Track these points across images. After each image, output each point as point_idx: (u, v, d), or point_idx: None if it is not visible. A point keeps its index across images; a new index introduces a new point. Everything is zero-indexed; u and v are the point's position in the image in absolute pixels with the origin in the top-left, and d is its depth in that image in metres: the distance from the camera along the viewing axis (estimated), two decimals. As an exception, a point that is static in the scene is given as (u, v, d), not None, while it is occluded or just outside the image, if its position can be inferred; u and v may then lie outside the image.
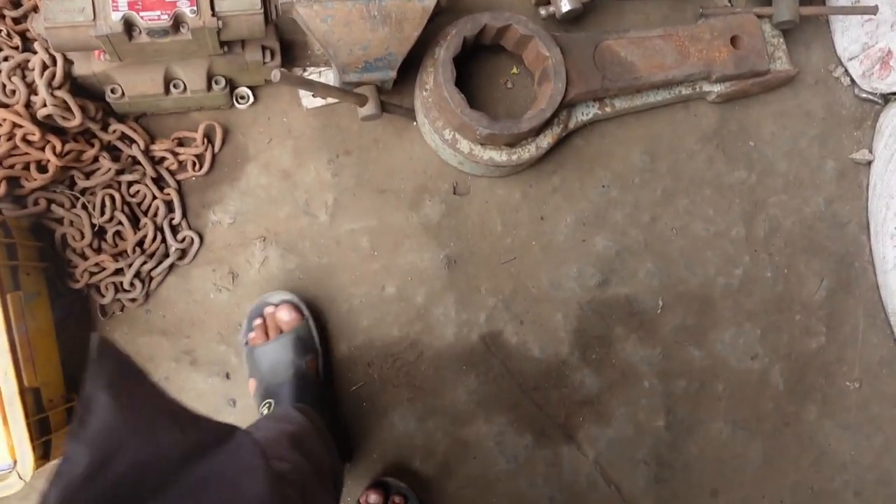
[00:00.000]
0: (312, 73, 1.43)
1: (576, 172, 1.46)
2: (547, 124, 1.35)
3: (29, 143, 1.20)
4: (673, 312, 1.46)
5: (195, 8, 1.15)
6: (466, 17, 1.32)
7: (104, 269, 1.30)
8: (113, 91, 1.27)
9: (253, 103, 1.40)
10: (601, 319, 1.44)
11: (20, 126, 1.18)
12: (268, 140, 1.40)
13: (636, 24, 1.50)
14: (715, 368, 1.46)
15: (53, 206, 1.28)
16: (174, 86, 1.31)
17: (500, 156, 1.34)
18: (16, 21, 1.27)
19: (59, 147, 1.23)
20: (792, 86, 1.52)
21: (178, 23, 1.16)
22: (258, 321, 1.30)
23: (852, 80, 1.55)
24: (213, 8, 1.18)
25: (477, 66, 1.43)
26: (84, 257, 1.30)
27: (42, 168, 1.25)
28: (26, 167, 1.23)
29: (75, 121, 1.23)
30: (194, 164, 1.36)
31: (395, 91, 1.41)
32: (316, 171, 1.40)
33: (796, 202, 1.52)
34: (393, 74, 1.28)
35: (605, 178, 1.47)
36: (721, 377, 1.46)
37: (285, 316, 1.28)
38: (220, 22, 1.18)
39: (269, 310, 1.31)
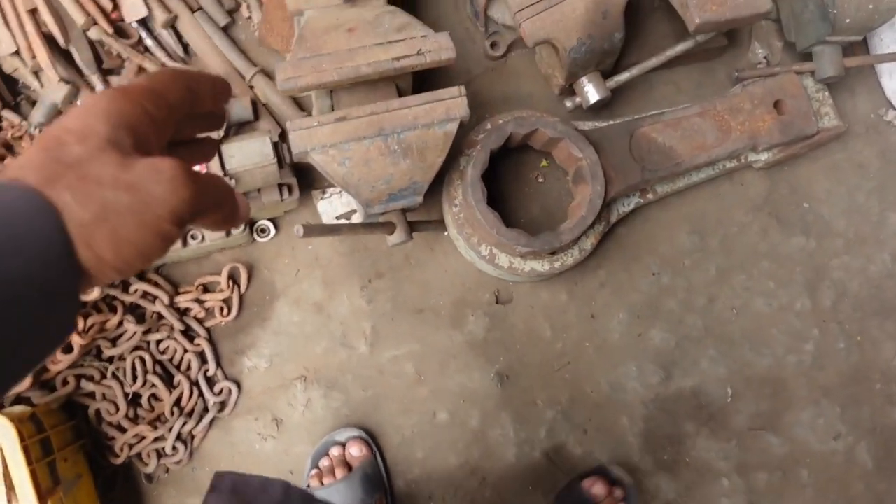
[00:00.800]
0: (333, 195, 1.35)
1: (622, 263, 1.37)
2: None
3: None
4: (743, 400, 1.36)
5: (205, 169, 1.08)
6: (491, 129, 1.23)
7: (144, 438, 1.24)
8: (129, 252, 1.20)
9: (275, 235, 1.33)
10: (668, 417, 1.35)
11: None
12: (295, 272, 1.33)
13: (667, 96, 1.41)
14: (796, 454, 1.37)
15: (83, 382, 1.22)
16: (192, 237, 1.24)
17: (542, 266, 1.26)
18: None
19: (81, 324, 1.17)
20: (841, 137, 1.42)
21: (189, 189, 1.09)
22: (325, 461, 1.25)
23: (906, 123, 1.44)
24: (223, 167, 1.10)
25: (504, 164, 1.34)
26: (121, 430, 1.24)
27: (66, 348, 1.18)
28: (50, 353, 1.17)
29: (95, 293, 1.17)
30: (222, 309, 1.30)
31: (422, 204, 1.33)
32: (349, 300, 1.33)
33: (860, 262, 1.41)
34: (419, 200, 1.20)
35: (654, 265, 1.38)
36: (804, 463, 1.36)
37: (355, 452, 1.24)
38: (232, 181, 1.10)
39: (334, 450, 1.25)
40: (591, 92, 1.27)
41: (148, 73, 0.36)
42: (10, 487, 1.04)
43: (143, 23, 1.32)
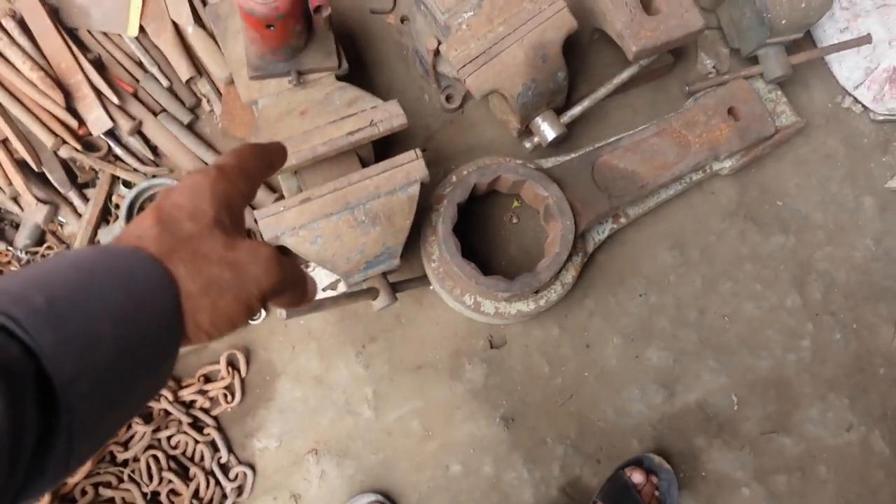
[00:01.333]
0: (316, 268, 1.38)
1: (607, 289, 1.39)
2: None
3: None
4: (750, 405, 1.37)
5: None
6: (455, 183, 1.26)
7: (167, 535, 1.26)
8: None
9: (266, 316, 1.36)
10: (678, 434, 1.36)
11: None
12: (291, 348, 1.36)
13: (624, 120, 1.43)
14: (811, 452, 1.36)
15: (101, 490, 1.25)
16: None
17: (527, 306, 1.28)
18: None
19: (89, 435, 1.19)
20: (803, 131, 1.43)
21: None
22: None
23: (864, 107, 1.46)
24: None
25: (477, 210, 1.37)
26: (144, 530, 1.26)
27: (79, 460, 1.21)
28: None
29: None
30: (226, 396, 1.33)
31: (402, 261, 1.36)
32: (347, 368, 1.35)
33: (844, 251, 1.42)
34: (396, 262, 1.23)
35: (639, 286, 1.39)
36: (820, 459, 1.36)
37: (378, 515, 1.26)
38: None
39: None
40: (547, 130, 1.30)
41: (234, 149, 0.54)
42: None
43: (111, 133, 1.37)
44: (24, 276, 0.40)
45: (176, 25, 1.42)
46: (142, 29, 1.41)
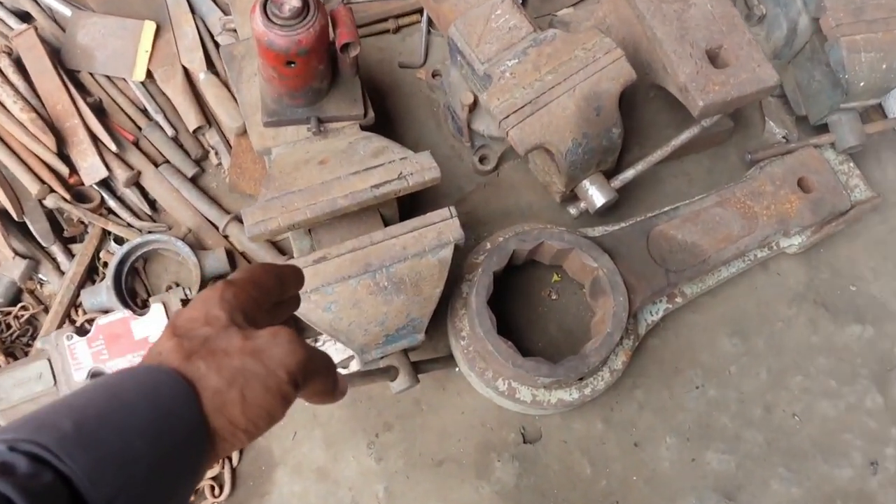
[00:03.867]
0: (326, 342, 1.21)
1: (660, 380, 1.21)
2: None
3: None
4: (829, 523, 1.16)
5: (172, 339, 0.95)
6: (491, 249, 1.10)
7: None
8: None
9: (266, 396, 1.17)
10: (744, 555, 1.15)
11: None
12: (292, 435, 1.17)
13: (679, 188, 1.29)
14: (903, 583, 1.15)
15: None
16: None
17: (570, 394, 1.10)
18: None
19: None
20: (878, 208, 1.28)
21: (156, 360, 0.95)
22: None
23: (945, 184, 1.31)
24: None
25: (512, 283, 1.21)
26: None
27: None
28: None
29: None
30: (213, 488, 1.13)
31: (425, 337, 1.19)
32: (356, 461, 1.16)
33: (929, 344, 1.24)
34: (421, 338, 1.06)
35: (696, 377, 1.21)
36: (914, 593, 1.14)
37: None
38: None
39: None
40: (596, 195, 1.15)
41: (244, 267, 0.62)
42: None
43: (105, 184, 1.23)
44: (52, 405, 0.41)
45: (187, 71, 1.31)
46: (149, 74, 1.30)
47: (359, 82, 1.12)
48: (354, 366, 1.20)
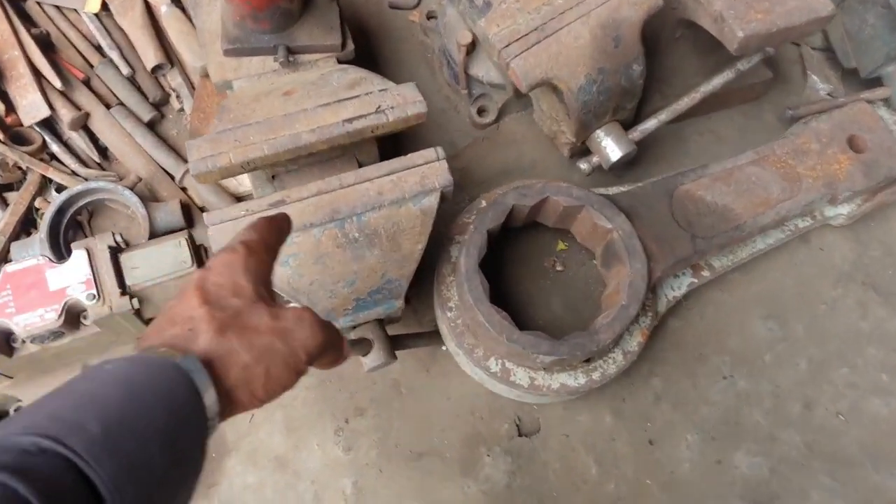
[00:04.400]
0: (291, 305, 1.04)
1: (681, 366, 1.04)
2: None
3: None
4: (879, 542, 0.98)
5: (94, 292, 0.79)
6: (487, 206, 0.94)
7: None
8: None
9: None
10: (777, 577, 0.97)
11: None
12: (249, 417, 1.01)
13: (705, 149, 1.12)
14: None
15: None
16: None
17: (575, 379, 0.93)
18: None
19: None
20: (937, 178, 1.11)
21: (73, 317, 0.79)
22: None
23: None
24: (122, 286, 0.80)
25: (509, 250, 1.04)
26: None
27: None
28: None
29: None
30: (154, 478, 0.96)
31: (406, 309, 1.02)
32: (321, 449, 0.99)
33: None
34: (399, 304, 0.89)
35: (724, 365, 1.04)
36: None
37: None
38: (134, 300, 0.80)
39: None
40: (612, 147, 0.98)
41: (252, 224, 0.58)
42: None
43: (48, 125, 1.08)
44: (73, 398, 0.41)
45: (147, 4, 1.15)
46: (104, 6, 1.14)
47: (336, 7, 0.96)
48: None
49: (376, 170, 0.83)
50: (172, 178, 1.08)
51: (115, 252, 0.81)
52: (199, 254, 0.85)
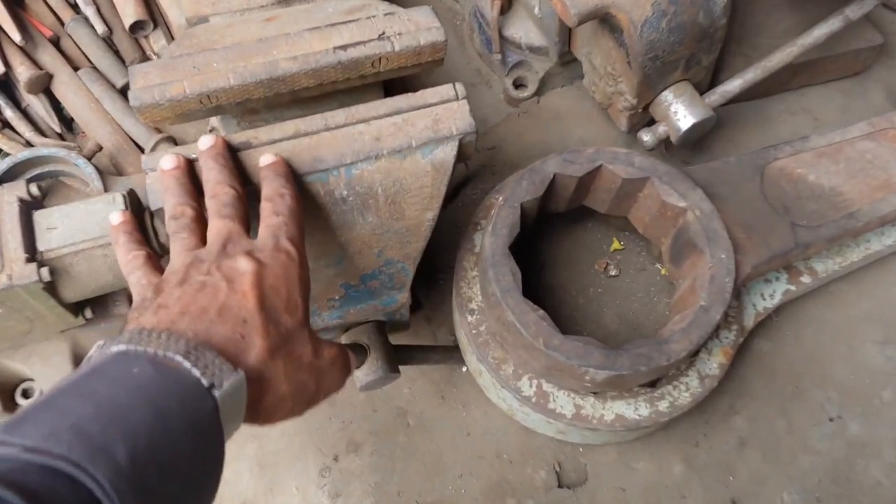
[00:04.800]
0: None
1: (772, 402, 0.80)
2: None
3: None
4: None
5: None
6: (521, 172, 0.72)
7: None
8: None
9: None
10: None
11: None
12: (214, 449, 0.78)
13: (796, 130, 0.91)
14: None
15: None
16: (24, 394, 0.73)
17: (634, 409, 0.69)
18: None
19: None
20: None
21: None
22: None
23: None
24: (31, 250, 0.60)
25: (548, 246, 0.82)
26: None
27: None
28: None
29: None
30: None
31: (418, 317, 0.81)
32: (301, 494, 0.77)
33: None
34: (404, 297, 0.68)
35: (829, 403, 0.80)
36: None
37: None
38: (44, 270, 0.60)
39: None
40: (683, 113, 0.77)
41: (287, 205, 0.50)
42: None
43: (4, 87, 0.91)
44: (98, 409, 0.37)
45: (133, -44, 0.99)
46: (84, -43, 0.98)
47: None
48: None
49: (375, 108, 0.62)
50: (143, 150, 0.90)
51: (29, 207, 0.62)
52: (143, 218, 0.65)
